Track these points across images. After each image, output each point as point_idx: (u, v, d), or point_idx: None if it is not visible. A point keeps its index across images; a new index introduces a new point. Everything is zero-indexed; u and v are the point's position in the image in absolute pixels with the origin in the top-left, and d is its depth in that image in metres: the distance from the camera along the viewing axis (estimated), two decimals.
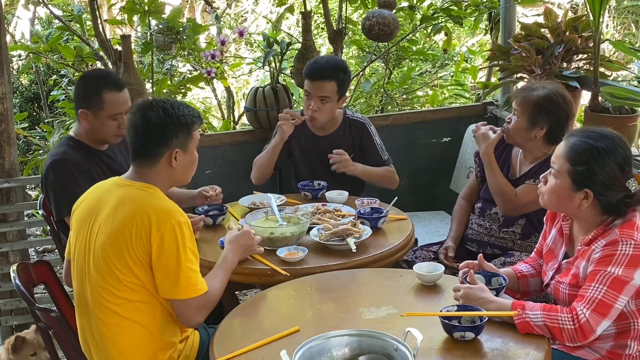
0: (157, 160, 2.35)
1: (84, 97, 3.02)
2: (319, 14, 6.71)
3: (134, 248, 2.23)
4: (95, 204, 2.38)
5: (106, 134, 3.05)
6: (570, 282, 2.33)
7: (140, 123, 2.34)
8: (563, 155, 2.30)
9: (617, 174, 2.24)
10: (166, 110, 2.33)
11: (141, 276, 2.26)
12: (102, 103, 2.98)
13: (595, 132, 2.32)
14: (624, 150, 2.28)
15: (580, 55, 3.76)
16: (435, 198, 4.47)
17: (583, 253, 2.30)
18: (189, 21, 4.36)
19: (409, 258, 3.25)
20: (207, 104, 7.11)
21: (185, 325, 2.39)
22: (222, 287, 2.42)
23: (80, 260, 2.36)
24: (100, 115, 3.00)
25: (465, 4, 4.87)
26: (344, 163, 3.46)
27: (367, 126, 3.66)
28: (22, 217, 4.13)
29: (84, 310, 2.37)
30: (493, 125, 3.27)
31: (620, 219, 2.25)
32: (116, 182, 2.41)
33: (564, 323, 2.14)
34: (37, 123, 6.62)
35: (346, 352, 2.05)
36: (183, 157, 2.38)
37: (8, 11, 7.92)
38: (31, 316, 2.50)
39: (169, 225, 2.23)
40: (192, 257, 2.27)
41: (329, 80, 3.48)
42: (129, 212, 2.26)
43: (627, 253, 2.17)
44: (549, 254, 2.50)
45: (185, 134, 2.37)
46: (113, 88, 3.01)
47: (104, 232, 2.29)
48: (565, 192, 2.29)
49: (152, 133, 2.33)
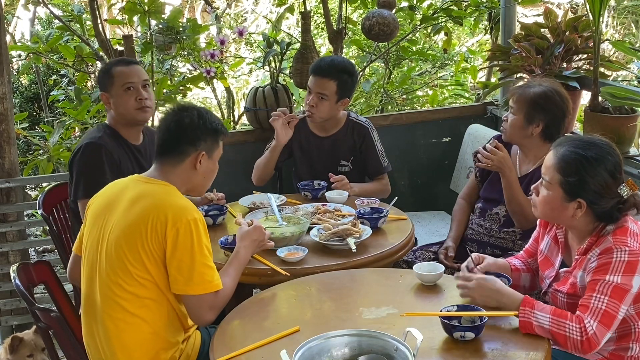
0: (183, 160, 2.41)
1: (100, 82, 3.17)
2: (319, 14, 6.72)
3: (148, 242, 2.25)
4: (112, 198, 2.41)
5: (128, 109, 3.09)
6: (568, 291, 2.33)
7: (172, 122, 2.43)
8: (553, 166, 2.29)
9: (609, 181, 2.24)
10: (200, 114, 2.44)
11: (153, 271, 2.27)
12: (112, 78, 3.09)
13: (584, 140, 2.32)
14: (613, 157, 2.27)
15: (580, 55, 3.75)
16: (435, 198, 4.47)
17: (580, 263, 2.30)
18: (189, 21, 4.36)
19: (408, 258, 3.25)
20: (207, 104, 7.11)
21: (196, 323, 2.40)
22: (234, 285, 2.44)
23: (92, 253, 2.37)
24: (114, 90, 3.09)
25: (465, 4, 4.87)
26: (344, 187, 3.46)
27: (370, 131, 3.65)
28: (22, 217, 4.13)
29: (91, 304, 2.37)
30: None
31: (613, 225, 2.25)
32: (135, 179, 2.45)
33: (572, 332, 2.13)
34: (37, 123, 6.62)
35: (346, 352, 2.05)
36: (207, 163, 2.45)
37: (8, 11, 7.92)
38: (31, 316, 2.50)
39: (185, 220, 2.25)
40: (207, 254, 2.30)
41: (329, 79, 3.48)
42: (146, 206, 2.29)
43: (623, 260, 2.17)
44: (545, 261, 2.50)
45: (213, 140, 2.46)
46: (120, 64, 3.15)
47: (119, 226, 2.31)
48: (558, 203, 2.28)
49: (183, 132, 2.40)
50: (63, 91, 5.54)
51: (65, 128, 4.69)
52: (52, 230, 3.25)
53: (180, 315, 2.38)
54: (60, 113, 5.89)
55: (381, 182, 3.64)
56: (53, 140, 4.49)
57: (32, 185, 5.32)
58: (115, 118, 3.13)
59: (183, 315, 2.39)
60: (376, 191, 3.59)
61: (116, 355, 2.31)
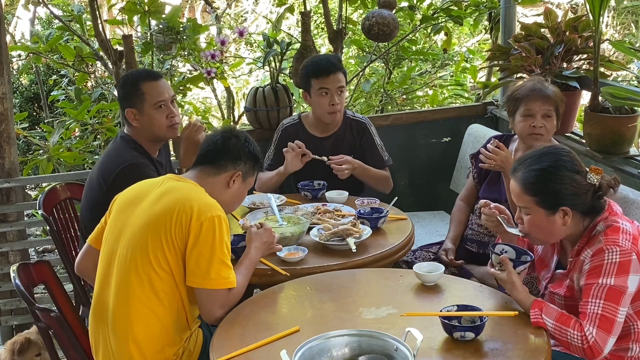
0: (219, 173, 2.50)
1: (125, 97, 3.04)
2: (319, 14, 6.72)
3: (172, 232, 2.31)
4: (142, 192, 2.47)
5: (159, 128, 3.03)
6: (565, 294, 2.33)
7: (221, 137, 2.55)
8: (521, 192, 2.29)
9: (577, 178, 2.25)
10: (247, 139, 2.57)
11: (172, 262, 2.32)
12: (142, 95, 3.00)
13: (533, 155, 2.32)
14: (567, 156, 2.29)
15: (580, 55, 3.75)
16: (435, 198, 4.47)
17: (574, 265, 2.30)
18: (189, 21, 4.36)
19: (408, 258, 3.25)
20: (207, 104, 7.11)
21: (206, 319, 2.43)
22: (245, 284, 2.48)
23: (113, 242, 2.41)
24: (145, 108, 3.00)
25: (465, 4, 4.87)
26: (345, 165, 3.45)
27: (368, 126, 3.66)
28: (22, 217, 4.13)
29: (103, 294, 2.39)
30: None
31: (603, 224, 2.25)
32: (168, 177, 2.53)
33: (573, 340, 2.14)
34: (37, 123, 6.62)
35: (346, 352, 2.05)
36: (239, 185, 2.54)
37: (8, 11, 7.91)
38: (31, 316, 2.50)
39: (210, 216, 2.31)
40: (226, 252, 2.35)
41: (340, 72, 3.54)
42: (174, 199, 2.36)
43: (615, 261, 2.16)
44: (540, 263, 2.50)
45: (251, 166, 2.56)
46: (149, 79, 3.04)
47: (145, 216, 2.36)
48: (545, 221, 2.28)
49: (227, 149, 2.52)
50: (63, 91, 5.54)
51: (65, 128, 4.69)
52: (52, 230, 3.25)
53: (188, 313, 2.41)
54: (60, 113, 5.88)
55: (384, 173, 3.64)
56: (53, 140, 4.49)
57: (32, 185, 5.32)
58: (141, 133, 3.04)
59: (190, 315, 2.43)
60: (377, 177, 3.58)
61: (128, 346, 2.32)
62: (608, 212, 2.28)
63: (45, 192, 3.41)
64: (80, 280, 3.19)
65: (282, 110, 4.16)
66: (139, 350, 2.32)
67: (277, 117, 4.12)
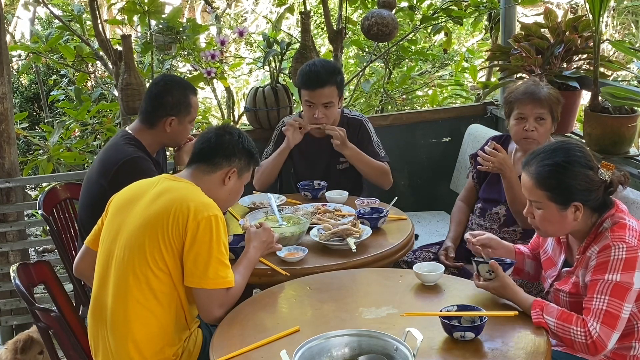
0: (214, 171, 2.49)
1: (173, 105, 3.04)
2: (319, 14, 6.72)
3: (169, 233, 2.30)
4: (138, 192, 2.46)
5: (182, 139, 3.15)
6: (570, 290, 2.33)
7: (214, 135, 2.53)
8: (533, 186, 2.29)
9: (590, 174, 2.25)
10: (240, 134, 2.55)
11: (169, 263, 2.31)
12: (189, 108, 3.07)
13: (546, 150, 2.31)
14: (580, 151, 2.28)
15: (580, 55, 3.75)
16: (435, 198, 4.47)
17: (581, 261, 2.30)
18: (189, 21, 4.36)
19: (408, 258, 3.25)
20: (207, 104, 7.10)
21: (205, 319, 2.42)
22: (244, 284, 2.48)
23: (110, 242, 2.41)
24: (186, 120, 3.08)
25: (465, 4, 4.87)
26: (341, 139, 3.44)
27: (365, 123, 3.66)
28: (22, 217, 4.13)
29: (102, 295, 2.39)
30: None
31: (610, 221, 2.25)
32: (164, 177, 2.53)
33: (577, 336, 2.14)
34: (37, 123, 6.62)
35: (346, 352, 2.05)
36: (235, 181, 2.53)
37: (8, 11, 7.92)
38: (31, 316, 2.50)
39: (206, 215, 2.31)
40: (224, 251, 2.35)
41: (329, 86, 3.46)
42: (170, 199, 2.36)
43: (621, 257, 2.17)
44: (548, 262, 2.50)
45: (246, 162, 2.55)
46: (194, 93, 3.13)
47: (142, 216, 2.36)
48: (557, 216, 2.28)
49: (221, 145, 2.50)
50: (63, 91, 5.54)
51: (65, 128, 4.69)
52: (52, 230, 3.25)
53: (186, 313, 2.41)
54: (60, 113, 5.89)
55: (381, 165, 3.57)
56: (53, 140, 4.50)
57: (32, 185, 5.32)
58: (158, 137, 3.07)
59: (189, 314, 2.42)
60: (374, 166, 3.53)
61: (127, 347, 2.31)
62: (615, 209, 2.29)
63: (45, 192, 3.41)
64: (80, 280, 3.19)
65: (282, 110, 4.16)
66: (138, 351, 2.31)
67: (277, 117, 4.12)
